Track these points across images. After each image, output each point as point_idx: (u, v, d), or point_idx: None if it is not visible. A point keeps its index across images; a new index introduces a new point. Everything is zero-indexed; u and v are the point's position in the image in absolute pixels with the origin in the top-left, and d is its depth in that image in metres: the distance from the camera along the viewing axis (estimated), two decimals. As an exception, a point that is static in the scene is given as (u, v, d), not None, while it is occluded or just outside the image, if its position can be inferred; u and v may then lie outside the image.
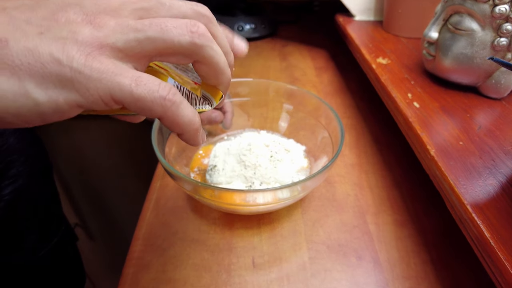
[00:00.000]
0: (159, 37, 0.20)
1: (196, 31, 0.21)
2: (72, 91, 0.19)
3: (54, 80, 0.18)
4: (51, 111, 0.19)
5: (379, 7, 0.80)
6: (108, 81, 0.19)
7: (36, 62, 0.18)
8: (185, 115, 0.22)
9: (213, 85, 0.25)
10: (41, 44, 0.18)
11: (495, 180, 0.36)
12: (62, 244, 0.73)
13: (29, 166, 0.62)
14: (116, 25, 0.20)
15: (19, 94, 0.18)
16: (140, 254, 0.42)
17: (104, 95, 0.19)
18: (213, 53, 0.22)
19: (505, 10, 0.43)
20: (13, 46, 0.18)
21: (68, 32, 0.19)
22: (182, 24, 0.21)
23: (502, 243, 0.30)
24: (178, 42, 0.21)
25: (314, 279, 0.40)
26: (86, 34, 0.19)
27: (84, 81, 0.18)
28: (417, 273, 0.40)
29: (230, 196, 0.40)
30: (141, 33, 0.20)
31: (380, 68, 0.59)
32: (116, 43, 0.19)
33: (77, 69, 0.18)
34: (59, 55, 0.18)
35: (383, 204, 0.49)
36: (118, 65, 0.20)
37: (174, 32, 0.20)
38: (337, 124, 0.47)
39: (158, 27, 0.20)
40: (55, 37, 0.18)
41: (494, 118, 0.46)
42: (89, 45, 0.19)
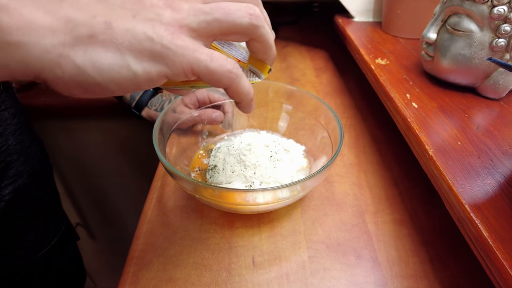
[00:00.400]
0: (224, 19, 0.24)
1: (253, 13, 0.24)
2: (162, 64, 0.23)
3: (148, 55, 0.22)
4: (144, 81, 0.23)
5: (378, 8, 0.80)
6: (190, 56, 0.23)
7: (134, 39, 0.22)
8: (244, 86, 0.26)
9: (261, 60, 0.29)
10: (137, 25, 0.22)
11: (493, 180, 0.37)
12: (62, 244, 0.73)
13: (29, 166, 0.62)
14: (189, 8, 0.23)
15: (122, 66, 0.22)
16: (141, 253, 0.43)
17: (187, 67, 0.23)
18: (265, 32, 0.26)
19: (504, 11, 0.44)
20: (116, 27, 0.21)
21: (155, 14, 0.22)
22: (242, 8, 0.24)
23: (501, 243, 0.30)
24: (240, 23, 0.24)
25: (313, 278, 0.40)
26: (168, 16, 0.23)
27: (171, 55, 0.22)
28: (415, 272, 0.41)
29: (230, 195, 0.40)
30: (209, 15, 0.23)
31: (379, 68, 0.59)
32: (191, 23, 0.23)
33: (166, 46, 0.22)
34: (151, 33, 0.22)
35: (382, 204, 0.49)
36: (195, 42, 0.23)
37: (236, 14, 0.24)
38: (336, 124, 0.47)
39: (223, 10, 0.24)
40: (146, 18, 0.22)
41: (492, 118, 0.46)
42: (171, 25, 0.22)
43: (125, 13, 0.22)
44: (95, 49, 0.21)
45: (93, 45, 0.21)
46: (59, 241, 0.71)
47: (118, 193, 1.18)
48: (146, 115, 0.70)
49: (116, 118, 0.96)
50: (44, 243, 0.68)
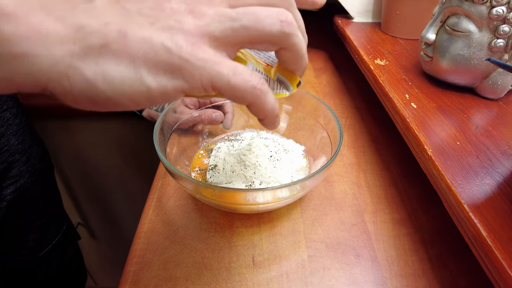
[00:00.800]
0: (252, 26, 0.21)
1: (285, 19, 0.22)
2: (179, 78, 0.21)
3: (164, 68, 0.20)
4: (159, 95, 0.21)
5: (377, 9, 0.80)
6: (211, 69, 0.21)
7: (150, 50, 0.20)
8: (269, 103, 0.24)
9: (290, 70, 0.27)
10: (153, 34, 0.20)
11: (492, 179, 0.37)
12: (63, 243, 0.73)
13: (30, 166, 0.62)
14: (214, 14, 0.21)
15: (135, 80, 0.20)
16: (142, 252, 0.43)
17: (206, 82, 0.21)
18: (297, 41, 0.23)
19: (502, 11, 0.44)
20: (131, 36, 0.20)
21: (175, 21, 0.20)
22: (273, 13, 0.22)
23: (499, 242, 0.30)
24: (270, 30, 0.22)
25: (313, 277, 0.40)
26: (190, 24, 0.21)
27: (190, 69, 0.20)
28: (414, 271, 0.41)
29: (230, 195, 0.40)
30: (236, 22, 0.21)
31: (378, 69, 0.59)
32: (214, 31, 0.21)
33: (184, 58, 0.20)
34: (169, 44, 0.20)
35: (381, 203, 0.49)
36: (217, 54, 0.21)
37: (266, 21, 0.22)
38: (335, 124, 0.47)
39: (252, 16, 0.21)
40: (164, 26, 0.20)
41: (491, 118, 0.47)
42: (193, 34, 0.20)
43: (142, 20, 0.20)
44: (107, 60, 0.20)
45: (105, 56, 0.20)
46: (60, 241, 0.72)
47: (118, 193, 1.18)
48: (146, 115, 0.70)
49: (117, 118, 0.96)
50: (45, 242, 0.68)
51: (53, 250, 0.69)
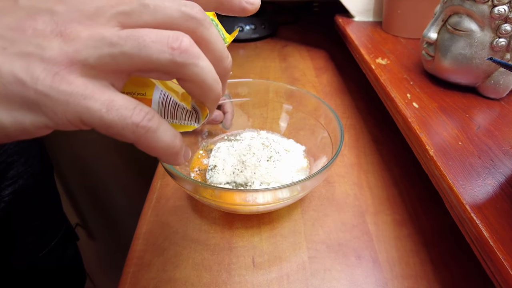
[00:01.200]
0: (135, 53, 0.18)
1: (178, 47, 0.19)
2: (39, 114, 0.17)
3: (19, 102, 0.17)
4: (17, 132, 0.18)
5: (378, 8, 0.80)
6: (77, 105, 0.17)
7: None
8: (161, 141, 0.20)
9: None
10: (4, 62, 0.16)
11: (494, 180, 0.37)
12: (62, 245, 0.73)
13: (29, 167, 0.62)
14: (89, 37, 0.18)
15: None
16: (141, 253, 0.42)
17: (73, 118, 0.18)
18: (197, 71, 0.20)
19: (504, 10, 0.44)
20: None
21: (35, 47, 0.17)
22: (162, 38, 0.18)
23: (501, 243, 0.30)
24: (157, 59, 0.18)
25: (313, 279, 0.40)
26: (55, 50, 0.17)
27: (50, 104, 0.17)
28: (416, 273, 0.41)
29: (230, 196, 0.40)
30: (116, 47, 0.18)
31: (379, 68, 0.59)
32: (88, 59, 0.18)
33: (42, 92, 0.17)
34: (22, 75, 0.17)
35: (383, 204, 0.49)
36: (89, 85, 0.18)
37: (153, 48, 0.18)
38: (336, 124, 0.47)
39: (136, 41, 0.18)
40: (20, 52, 0.17)
41: (493, 118, 0.46)
42: (57, 63, 0.17)
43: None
44: None
45: None
46: (59, 242, 0.71)
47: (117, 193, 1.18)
48: None
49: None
50: (44, 244, 0.68)
51: (52, 252, 0.69)
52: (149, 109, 0.19)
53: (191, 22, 0.20)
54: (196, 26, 0.20)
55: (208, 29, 0.21)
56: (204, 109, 0.24)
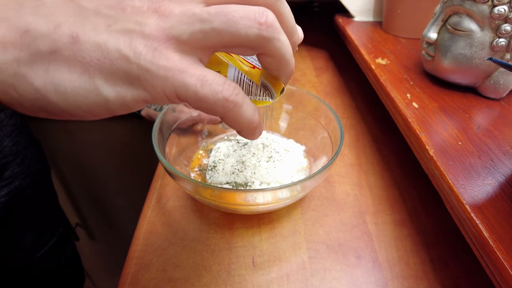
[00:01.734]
0: (225, 29, 0.19)
1: (264, 21, 0.19)
2: (139, 88, 0.19)
3: (122, 77, 0.18)
4: (118, 106, 0.19)
5: (378, 8, 0.80)
6: (175, 79, 0.19)
7: (105, 58, 0.18)
8: (245, 115, 0.21)
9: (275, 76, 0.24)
10: (110, 39, 0.18)
11: (494, 180, 0.37)
12: (60, 245, 0.73)
13: (25, 167, 0.62)
14: (181, 14, 0.19)
15: (90, 90, 0.18)
16: (140, 253, 0.42)
17: (170, 93, 0.19)
18: (279, 45, 0.21)
19: (504, 10, 0.44)
20: (84, 42, 0.18)
21: (135, 23, 0.18)
22: (250, 14, 0.19)
23: (501, 243, 0.30)
24: (245, 34, 0.19)
25: (313, 279, 0.40)
26: (152, 26, 0.18)
27: (150, 79, 0.18)
28: (416, 273, 0.40)
29: (230, 196, 0.40)
30: (206, 24, 0.19)
31: (379, 68, 0.59)
32: (182, 35, 0.19)
33: (144, 67, 0.18)
34: (126, 51, 0.18)
35: (383, 204, 0.49)
36: (183, 60, 0.19)
37: (241, 23, 0.19)
38: (336, 124, 0.47)
39: (225, 17, 0.19)
40: (123, 29, 0.18)
41: (492, 118, 0.46)
42: (155, 38, 0.18)
43: (99, 22, 0.18)
44: (58, 68, 0.18)
45: (55, 63, 0.17)
46: (57, 242, 0.71)
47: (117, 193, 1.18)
48: (145, 115, 0.69)
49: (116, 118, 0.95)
50: (42, 244, 0.68)
51: (49, 252, 0.69)
52: (235, 84, 0.21)
53: (271, 2, 0.21)
54: (273, 1, 0.21)
55: (283, 3, 0.22)
56: (277, 84, 0.25)
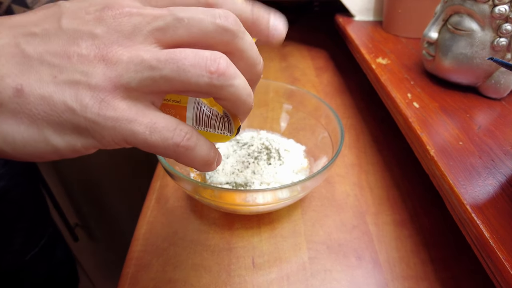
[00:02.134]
0: (175, 77, 0.19)
1: (215, 70, 0.19)
2: (88, 137, 0.19)
3: (70, 127, 0.18)
4: (69, 152, 0.20)
5: (378, 7, 0.80)
6: (123, 129, 0.19)
7: (52, 111, 0.18)
8: (199, 155, 0.21)
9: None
10: (55, 91, 0.18)
11: (495, 180, 0.36)
12: (50, 247, 0.72)
13: (9, 168, 0.61)
14: (129, 61, 0.18)
15: (39, 141, 0.18)
16: (140, 254, 0.42)
17: (119, 141, 0.19)
18: (233, 90, 0.20)
19: (505, 10, 0.43)
20: (29, 95, 0.18)
21: (81, 74, 0.18)
22: (201, 62, 0.19)
23: (502, 243, 0.30)
24: (196, 82, 0.19)
25: (314, 279, 0.40)
26: (99, 76, 0.18)
27: (98, 129, 0.19)
28: (416, 273, 0.40)
29: (230, 196, 0.40)
30: (156, 71, 0.19)
31: (379, 68, 0.59)
32: (130, 83, 0.19)
33: (91, 119, 0.18)
34: (72, 104, 0.18)
35: (383, 204, 0.49)
36: (132, 108, 0.19)
37: (191, 71, 0.19)
38: (337, 124, 0.47)
39: (175, 65, 0.19)
40: (69, 80, 0.18)
41: (493, 118, 0.46)
42: (102, 89, 0.18)
43: (44, 71, 0.18)
44: (5, 120, 0.18)
45: (1, 116, 0.18)
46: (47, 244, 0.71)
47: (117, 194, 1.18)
48: None
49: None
50: (31, 246, 0.67)
51: (40, 254, 0.68)
52: (187, 128, 0.21)
53: (225, 35, 0.20)
54: (231, 38, 0.20)
55: (242, 38, 0.21)
56: (236, 119, 0.25)
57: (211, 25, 0.20)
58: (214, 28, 0.20)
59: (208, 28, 0.20)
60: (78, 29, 0.19)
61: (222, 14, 0.20)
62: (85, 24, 0.19)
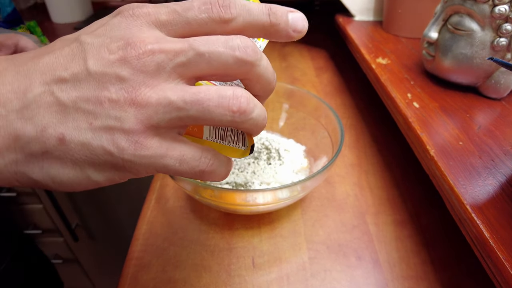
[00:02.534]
0: (200, 116, 0.20)
1: (237, 109, 0.21)
2: (125, 172, 0.21)
3: (109, 166, 0.20)
4: (108, 183, 0.22)
5: (378, 7, 0.80)
6: (156, 164, 0.21)
7: (92, 154, 0.20)
8: (218, 175, 0.24)
9: None
10: (93, 138, 0.20)
11: (495, 180, 0.36)
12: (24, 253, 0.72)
13: None
14: (158, 103, 0.20)
15: (82, 178, 0.21)
16: (140, 254, 0.42)
17: (152, 172, 0.22)
18: (252, 122, 0.22)
19: (505, 10, 0.43)
20: (70, 142, 0.19)
21: (115, 120, 0.19)
22: (223, 102, 0.20)
23: (502, 243, 0.30)
24: (219, 120, 0.21)
25: (314, 279, 0.40)
26: (132, 120, 0.20)
27: (135, 167, 0.21)
28: (416, 273, 0.40)
29: (230, 196, 0.40)
30: (183, 112, 0.20)
31: (379, 68, 0.59)
32: (160, 123, 0.20)
33: (127, 160, 0.20)
34: (110, 148, 0.20)
35: (383, 204, 0.49)
36: (163, 144, 0.21)
37: (215, 112, 0.20)
38: (337, 124, 0.47)
39: (200, 106, 0.20)
40: (104, 127, 0.20)
41: (493, 118, 0.46)
42: (135, 132, 0.20)
43: (80, 119, 0.19)
44: (51, 165, 0.20)
45: (48, 161, 0.20)
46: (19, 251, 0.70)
47: (117, 194, 1.18)
48: None
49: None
50: (2, 256, 0.67)
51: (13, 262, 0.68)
52: (210, 155, 0.23)
53: (244, 67, 0.21)
54: (250, 68, 0.22)
55: (259, 66, 0.22)
56: (250, 138, 0.26)
57: (231, 59, 0.21)
58: (234, 61, 0.21)
59: (228, 61, 0.21)
60: (105, 72, 0.19)
61: (241, 46, 0.21)
62: (110, 66, 0.19)
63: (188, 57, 0.20)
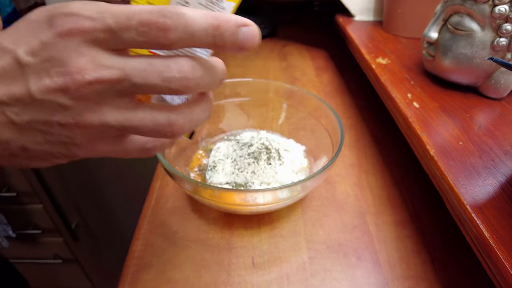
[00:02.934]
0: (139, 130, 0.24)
1: (171, 136, 0.24)
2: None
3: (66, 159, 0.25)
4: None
5: (378, 7, 0.80)
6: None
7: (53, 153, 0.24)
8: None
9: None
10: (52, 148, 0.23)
11: (495, 180, 0.36)
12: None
13: None
14: (101, 125, 0.22)
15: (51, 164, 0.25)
16: (140, 253, 0.42)
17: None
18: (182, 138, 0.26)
19: (505, 10, 0.43)
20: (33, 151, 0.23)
21: (66, 138, 0.23)
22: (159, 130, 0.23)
23: (502, 243, 0.30)
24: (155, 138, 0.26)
25: (313, 279, 0.40)
26: (80, 138, 0.23)
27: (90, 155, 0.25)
28: (416, 273, 0.40)
29: (230, 196, 0.40)
30: (122, 131, 0.23)
31: (379, 68, 0.59)
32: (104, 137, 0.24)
33: (83, 157, 0.25)
34: (67, 153, 0.24)
35: (383, 204, 0.49)
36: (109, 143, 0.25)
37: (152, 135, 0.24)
38: (337, 124, 0.47)
39: (137, 131, 0.23)
40: (59, 142, 0.23)
41: (493, 118, 0.46)
42: (86, 144, 0.23)
43: (37, 136, 0.22)
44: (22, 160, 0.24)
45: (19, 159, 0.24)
46: None
47: (117, 193, 1.18)
48: None
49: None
50: None
51: None
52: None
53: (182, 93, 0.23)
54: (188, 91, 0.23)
55: (198, 88, 0.23)
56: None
57: (166, 90, 0.22)
58: (169, 92, 0.22)
59: (163, 91, 0.22)
60: (49, 99, 0.21)
61: (177, 77, 0.21)
62: (53, 95, 0.20)
63: (125, 87, 0.21)
